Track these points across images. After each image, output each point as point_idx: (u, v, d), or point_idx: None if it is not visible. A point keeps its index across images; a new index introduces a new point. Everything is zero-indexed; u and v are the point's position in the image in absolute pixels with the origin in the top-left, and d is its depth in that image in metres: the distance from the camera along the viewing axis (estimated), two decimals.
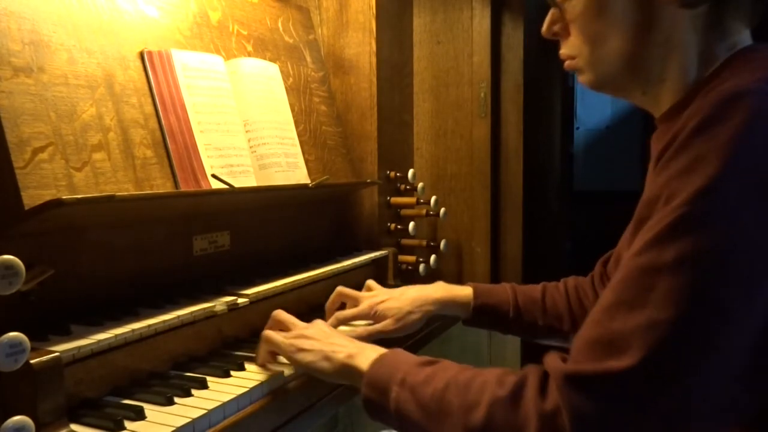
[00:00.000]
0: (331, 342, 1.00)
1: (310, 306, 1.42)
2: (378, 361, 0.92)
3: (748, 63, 0.78)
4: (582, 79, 0.92)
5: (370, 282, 1.34)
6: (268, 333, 1.06)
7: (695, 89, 0.81)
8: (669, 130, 0.78)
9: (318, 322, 1.08)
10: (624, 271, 0.73)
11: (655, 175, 0.75)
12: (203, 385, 0.98)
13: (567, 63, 0.93)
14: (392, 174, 1.88)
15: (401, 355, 0.93)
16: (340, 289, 1.29)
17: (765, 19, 0.86)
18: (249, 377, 1.02)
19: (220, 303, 1.14)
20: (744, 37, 0.83)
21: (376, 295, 1.26)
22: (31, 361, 0.79)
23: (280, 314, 1.11)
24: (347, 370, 0.95)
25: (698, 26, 0.82)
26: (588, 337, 0.74)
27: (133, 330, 0.97)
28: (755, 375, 0.70)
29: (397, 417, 0.86)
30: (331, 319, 1.21)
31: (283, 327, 1.09)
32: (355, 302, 1.27)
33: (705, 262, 0.67)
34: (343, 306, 1.31)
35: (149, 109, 1.20)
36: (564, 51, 0.92)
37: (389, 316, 1.20)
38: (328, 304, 1.30)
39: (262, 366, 1.05)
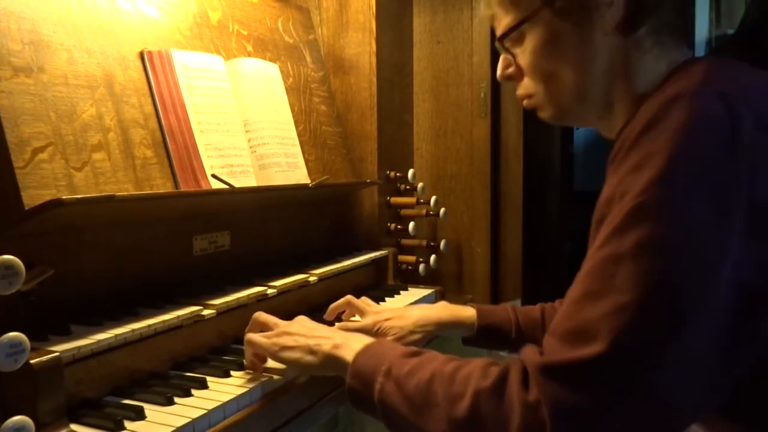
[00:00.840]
0: (314, 335, 1.00)
1: (310, 306, 1.42)
2: (363, 352, 0.93)
3: (685, 72, 0.83)
4: (542, 116, 0.97)
5: (365, 299, 1.33)
6: (250, 336, 1.05)
7: (640, 105, 0.85)
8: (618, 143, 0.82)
9: (300, 318, 1.08)
10: (588, 265, 0.77)
11: (609, 178, 0.79)
12: (203, 385, 0.98)
13: (525, 102, 0.97)
14: (392, 174, 1.88)
15: (386, 345, 0.94)
16: (349, 298, 1.30)
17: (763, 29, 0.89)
18: (249, 377, 1.02)
19: (220, 303, 1.14)
20: (681, 53, 0.89)
21: (381, 312, 1.27)
22: (31, 361, 0.79)
23: (261, 315, 1.11)
24: (332, 361, 0.95)
25: (641, 49, 0.87)
26: (560, 329, 0.76)
27: (133, 330, 0.97)
28: (730, 357, 0.72)
29: (382, 408, 0.86)
30: (337, 327, 1.22)
31: (265, 328, 1.09)
32: (361, 315, 1.27)
33: (662, 245, 0.70)
34: (343, 315, 1.32)
35: (149, 109, 1.20)
36: (521, 92, 0.97)
37: (391, 335, 1.20)
38: (333, 306, 1.30)
39: (252, 369, 1.05)
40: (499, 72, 0.99)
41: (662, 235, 0.71)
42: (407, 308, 1.31)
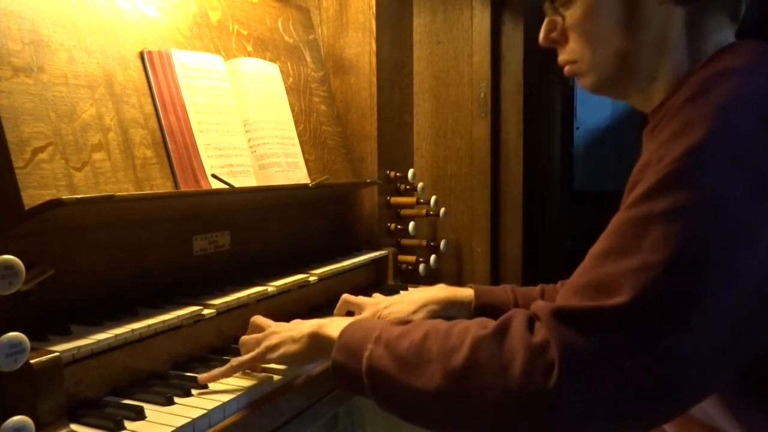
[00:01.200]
0: (297, 327, 0.99)
1: (310, 306, 1.42)
2: (350, 326, 0.91)
3: (733, 51, 0.83)
4: (582, 83, 0.95)
5: (376, 294, 1.35)
6: (243, 338, 1.06)
7: (682, 83, 0.84)
8: (659, 120, 0.82)
9: (294, 320, 1.07)
10: (614, 224, 0.76)
11: (647, 144, 0.79)
12: (203, 385, 0.98)
13: (567, 68, 0.95)
14: (392, 174, 1.88)
15: (374, 320, 0.94)
16: (345, 296, 1.30)
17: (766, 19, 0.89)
18: (249, 377, 1.02)
19: (220, 303, 1.14)
20: (728, 35, 0.88)
21: (379, 302, 1.27)
22: (31, 361, 0.79)
23: (258, 319, 1.11)
24: (316, 341, 0.94)
25: (687, 24, 0.86)
26: (577, 282, 0.75)
27: (133, 330, 0.97)
28: (745, 339, 0.72)
29: (369, 375, 0.83)
30: None
31: (261, 331, 1.08)
32: (360, 309, 1.27)
33: (696, 212, 0.70)
34: (350, 314, 1.31)
35: (149, 109, 1.20)
36: (564, 57, 0.95)
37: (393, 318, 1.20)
38: (335, 312, 1.30)
39: (250, 370, 1.04)
40: (542, 35, 0.96)
41: (697, 201, 0.70)
42: (406, 293, 1.32)
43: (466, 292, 1.29)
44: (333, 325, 0.94)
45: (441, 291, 1.30)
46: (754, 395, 0.77)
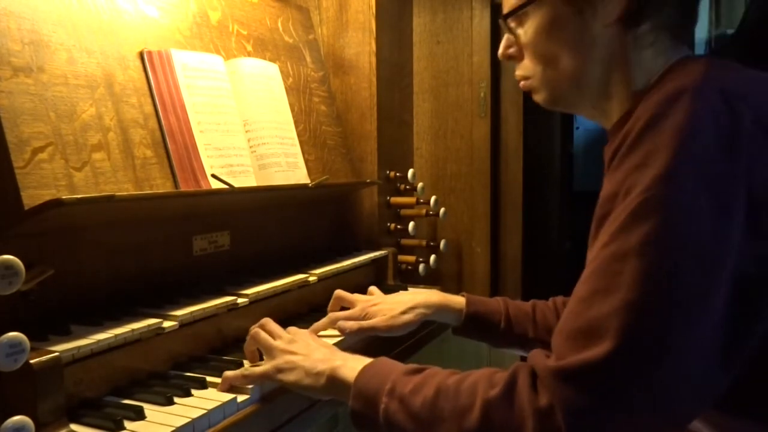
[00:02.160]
0: (314, 358, 0.98)
1: (310, 306, 1.42)
2: (364, 372, 0.92)
3: (684, 68, 0.85)
4: (537, 98, 0.99)
5: (372, 288, 1.35)
6: (257, 331, 1.05)
7: (637, 101, 0.85)
8: (616, 141, 0.83)
9: (303, 335, 1.06)
10: (594, 264, 0.77)
11: (611, 174, 0.80)
12: (203, 385, 0.98)
13: (522, 83, 0.99)
14: (392, 174, 1.88)
15: (387, 363, 0.93)
16: (337, 292, 1.30)
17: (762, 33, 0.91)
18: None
19: (220, 303, 1.14)
20: (683, 51, 0.90)
21: (371, 299, 1.28)
22: (31, 361, 0.79)
23: (269, 324, 1.09)
24: (332, 384, 0.94)
25: (641, 44, 0.88)
26: (568, 329, 0.76)
27: (132, 330, 0.97)
28: (731, 349, 0.73)
29: (387, 428, 0.85)
30: (324, 319, 1.22)
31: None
32: (353, 305, 1.28)
33: (668, 241, 0.71)
34: (344, 309, 1.31)
35: (149, 109, 1.20)
36: (519, 72, 0.99)
37: (380, 315, 1.21)
38: (329, 308, 1.31)
39: (252, 362, 1.05)
40: (500, 50, 1.00)
41: (667, 231, 0.71)
42: (399, 293, 1.32)
43: (458, 300, 1.29)
44: (348, 367, 0.94)
45: (434, 295, 1.30)
46: (742, 409, 0.80)
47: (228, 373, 0.99)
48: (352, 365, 0.94)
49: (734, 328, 0.73)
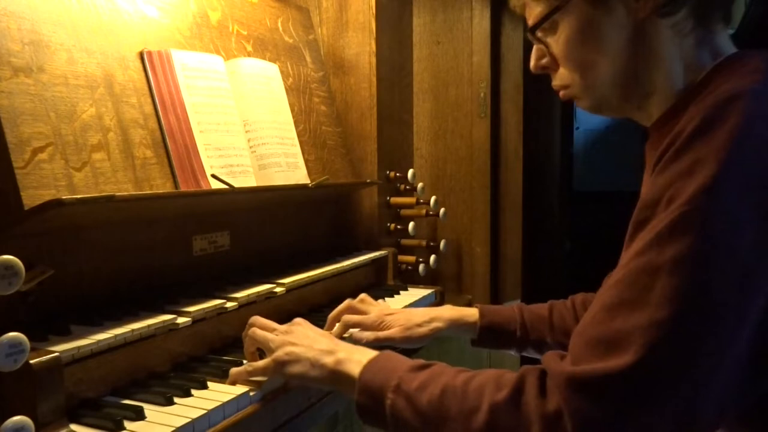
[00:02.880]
0: (317, 348, 0.97)
1: (311, 306, 1.42)
2: (369, 366, 0.90)
3: (739, 68, 0.80)
4: (581, 105, 0.94)
5: (363, 295, 1.30)
6: (255, 330, 1.04)
7: (686, 96, 0.83)
8: (663, 137, 0.79)
9: (301, 324, 1.05)
10: (624, 271, 0.74)
11: (655, 178, 0.76)
12: (203, 385, 0.98)
13: (562, 93, 0.94)
14: (392, 174, 1.88)
15: (393, 358, 0.92)
16: (348, 302, 1.26)
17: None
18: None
19: (220, 303, 1.14)
20: (724, 40, 0.86)
21: (387, 307, 1.27)
22: (31, 361, 0.79)
23: (258, 320, 1.08)
24: (337, 376, 0.93)
25: (680, 34, 0.84)
26: (588, 335, 0.74)
27: (132, 330, 0.97)
28: (754, 367, 0.71)
29: (394, 424, 0.85)
30: (339, 326, 1.21)
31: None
32: (366, 313, 1.25)
33: (703, 261, 0.69)
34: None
35: (149, 109, 1.20)
36: (556, 83, 0.94)
37: (396, 326, 1.20)
38: (333, 313, 1.26)
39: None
40: (532, 63, 0.96)
41: (705, 248, 0.69)
42: (412, 308, 1.31)
43: (472, 312, 1.27)
44: (353, 361, 0.93)
45: (448, 309, 1.28)
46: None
47: (234, 369, 1.00)
48: (357, 358, 0.93)
49: (761, 350, 0.70)
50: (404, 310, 1.26)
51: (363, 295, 1.31)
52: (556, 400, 0.72)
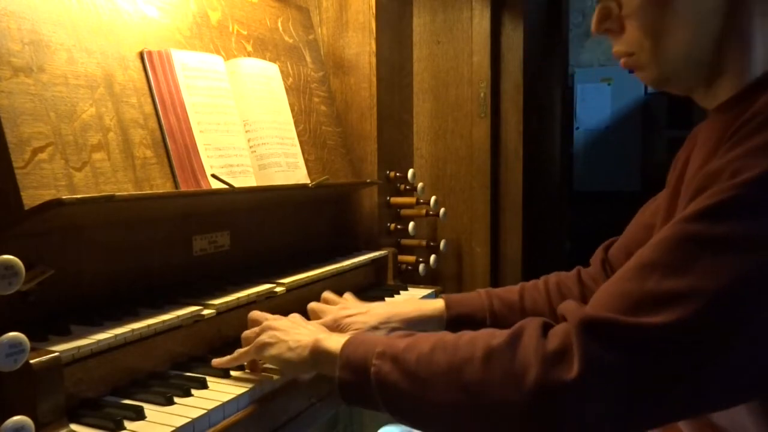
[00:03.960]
0: (296, 331, 0.96)
1: None
2: (351, 341, 0.87)
3: None
4: (643, 77, 0.86)
5: (347, 294, 1.28)
6: (245, 333, 1.06)
7: (762, 82, 0.78)
8: (732, 119, 0.75)
9: (291, 315, 1.05)
10: (668, 234, 0.71)
11: (725, 151, 0.72)
12: (203, 385, 0.98)
13: (624, 61, 0.86)
14: (392, 174, 1.88)
15: (374, 334, 0.91)
16: (310, 305, 1.23)
17: None
18: (249, 377, 1.02)
19: (220, 303, 1.14)
20: None
21: (345, 308, 1.19)
22: (31, 361, 0.79)
23: (254, 313, 1.10)
24: (316, 355, 0.90)
25: (764, 12, 0.78)
26: (614, 290, 0.71)
27: (132, 330, 0.97)
28: None
29: (380, 392, 0.80)
30: None
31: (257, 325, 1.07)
32: (324, 314, 1.19)
33: (756, 247, 0.66)
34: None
35: (149, 109, 1.20)
36: (619, 48, 0.86)
37: (352, 329, 1.11)
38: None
39: (250, 368, 1.04)
40: (594, 24, 0.86)
41: (759, 235, 0.66)
42: (371, 304, 1.23)
43: (436, 305, 1.19)
44: (332, 339, 0.90)
45: (408, 305, 1.20)
46: None
47: (216, 360, 1.02)
48: (336, 338, 0.91)
49: None
50: (363, 309, 1.17)
51: (347, 294, 1.28)
52: (560, 340, 0.69)
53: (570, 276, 1.22)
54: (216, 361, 1.03)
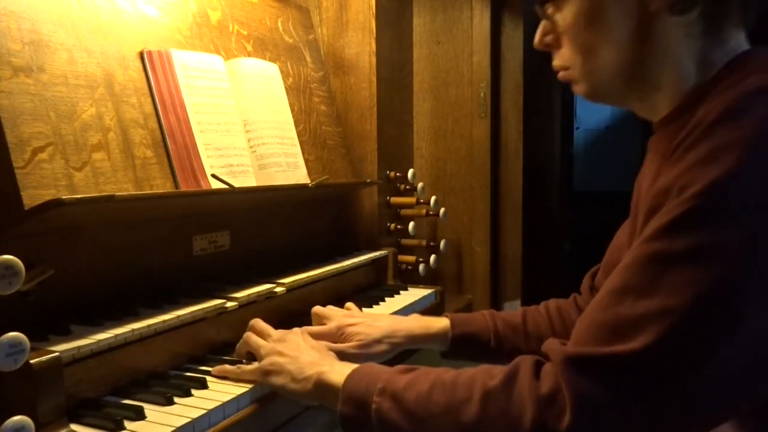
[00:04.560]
0: (301, 361, 0.96)
1: (311, 306, 1.41)
2: (353, 375, 0.88)
3: (760, 63, 0.78)
4: (577, 90, 0.91)
5: (349, 304, 1.28)
6: (248, 335, 1.06)
7: (698, 92, 0.80)
8: (674, 131, 0.77)
9: (294, 335, 1.05)
10: (632, 257, 0.72)
11: (670, 167, 0.73)
12: (203, 385, 0.98)
13: (561, 74, 0.92)
14: (392, 174, 1.88)
15: (376, 367, 0.90)
16: (314, 309, 1.23)
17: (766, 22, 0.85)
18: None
19: (220, 303, 1.14)
20: (740, 41, 0.83)
21: (350, 316, 1.19)
22: (31, 361, 0.79)
23: (258, 323, 1.09)
24: (320, 389, 0.91)
25: (692, 33, 0.81)
26: (592, 320, 0.73)
27: (133, 330, 0.97)
28: (761, 365, 0.70)
29: (381, 429, 0.82)
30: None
31: (260, 336, 1.07)
32: (329, 320, 1.19)
33: (719, 254, 0.67)
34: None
35: (149, 109, 1.20)
36: (557, 62, 0.92)
37: (355, 340, 1.12)
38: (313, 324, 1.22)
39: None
40: (536, 39, 0.93)
41: (720, 243, 0.67)
42: (377, 316, 1.23)
43: (441, 323, 1.19)
44: (335, 372, 0.91)
45: (414, 322, 1.20)
46: None
47: (225, 366, 1.01)
48: (339, 369, 0.91)
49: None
50: (368, 321, 1.16)
51: (349, 304, 1.28)
52: (552, 382, 0.71)
53: (568, 302, 1.24)
54: (217, 369, 1.01)
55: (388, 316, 1.24)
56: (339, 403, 0.87)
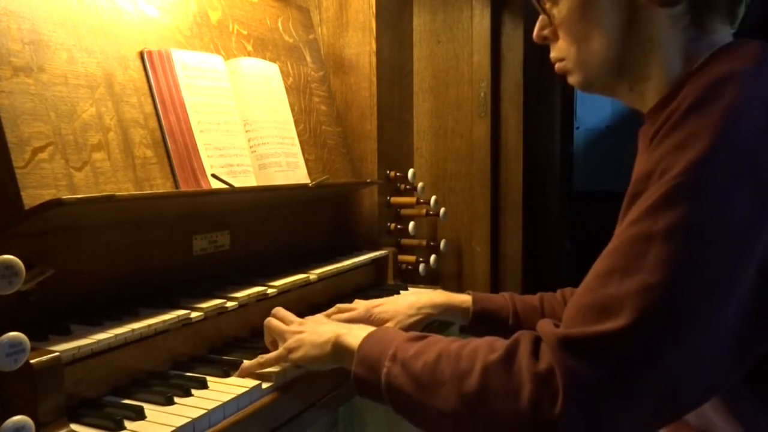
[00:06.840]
0: (318, 330, 1.02)
1: (311, 306, 1.42)
2: (368, 339, 0.94)
3: (734, 53, 0.82)
4: (571, 81, 0.96)
5: (357, 301, 1.31)
6: (269, 320, 1.10)
7: (681, 82, 0.84)
8: (655, 123, 0.81)
9: (315, 317, 1.11)
10: (617, 241, 0.76)
11: (650, 153, 0.78)
12: (203, 385, 0.98)
13: (557, 66, 0.96)
14: (392, 174, 1.88)
15: (390, 331, 0.95)
16: (337, 307, 1.27)
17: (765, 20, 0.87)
18: (249, 377, 1.02)
19: (220, 303, 1.14)
20: (725, 36, 0.87)
21: (372, 301, 1.27)
22: (31, 361, 0.79)
23: (280, 311, 1.13)
24: (337, 351, 0.97)
25: (678, 25, 0.85)
26: (581, 303, 0.76)
27: (133, 330, 0.97)
28: (749, 339, 0.73)
29: (388, 391, 0.87)
30: (330, 319, 1.21)
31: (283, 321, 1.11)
32: (354, 309, 1.26)
33: (697, 229, 0.71)
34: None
35: (149, 108, 1.20)
36: (553, 54, 0.97)
37: (387, 320, 1.21)
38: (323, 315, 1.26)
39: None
40: (535, 32, 0.98)
41: (698, 219, 0.71)
42: (401, 295, 1.32)
43: (464, 298, 1.28)
44: (352, 335, 0.97)
45: (438, 296, 1.29)
46: (756, 394, 0.78)
47: (246, 363, 1.03)
48: (356, 333, 0.96)
49: (754, 321, 0.72)
50: (390, 299, 1.27)
51: (357, 301, 1.31)
52: (547, 360, 0.74)
53: None
54: (246, 365, 1.03)
55: (410, 292, 1.34)
56: (353, 364, 0.92)
